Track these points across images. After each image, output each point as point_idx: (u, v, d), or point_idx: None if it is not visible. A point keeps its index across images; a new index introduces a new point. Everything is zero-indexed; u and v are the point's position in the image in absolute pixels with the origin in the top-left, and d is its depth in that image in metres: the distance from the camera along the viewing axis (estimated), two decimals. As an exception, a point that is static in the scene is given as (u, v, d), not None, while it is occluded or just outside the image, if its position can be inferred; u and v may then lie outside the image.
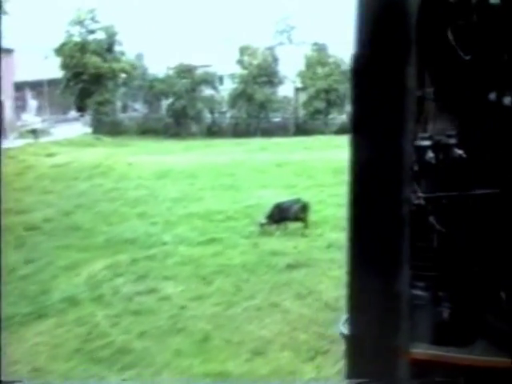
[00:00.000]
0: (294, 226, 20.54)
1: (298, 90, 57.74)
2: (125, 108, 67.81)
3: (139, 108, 65.44)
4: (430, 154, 3.78)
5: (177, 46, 64.48)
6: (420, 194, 3.75)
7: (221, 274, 15.87)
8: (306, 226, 20.08)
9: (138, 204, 24.50)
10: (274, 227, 20.22)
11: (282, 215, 20.35)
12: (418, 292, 3.71)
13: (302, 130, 56.34)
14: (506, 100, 3.13)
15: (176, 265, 16.67)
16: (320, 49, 55.83)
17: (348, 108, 55.06)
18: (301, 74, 55.59)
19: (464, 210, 3.49)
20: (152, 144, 51.62)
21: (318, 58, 54.88)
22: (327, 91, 53.63)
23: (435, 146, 3.72)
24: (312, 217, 21.29)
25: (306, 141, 48.39)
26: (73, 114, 63.96)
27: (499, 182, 3.38)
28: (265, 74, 54.18)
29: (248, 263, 16.42)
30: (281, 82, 55.95)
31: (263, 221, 20.25)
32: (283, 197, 24.65)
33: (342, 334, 3.91)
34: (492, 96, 3.35)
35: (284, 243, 18.77)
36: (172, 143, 52.42)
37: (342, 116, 56.25)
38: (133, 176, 31.80)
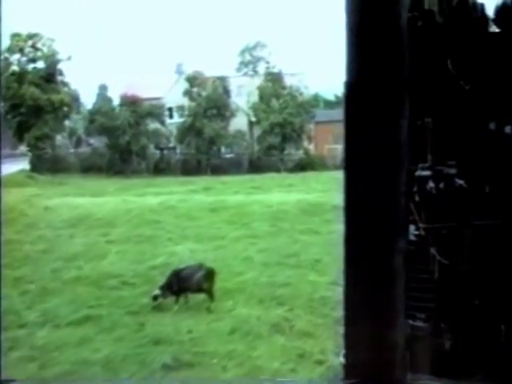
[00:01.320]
0: (199, 297, 16.14)
1: (252, 123, 53.68)
2: (78, 142, 63.53)
3: (94, 143, 61.09)
4: (431, 184, 3.60)
5: (125, 76, 60.37)
6: (421, 225, 3.56)
7: (69, 377, 11.43)
8: (212, 299, 15.70)
9: (22, 264, 20.06)
10: (172, 300, 15.83)
11: (182, 285, 15.97)
12: (419, 323, 3.54)
13: (256, 166, 52.22)
14: (507, 129, 3.03)
15: (20, 361, 12.26)
16: (274, 79, 51.87)
17: (305, 143, 51.09)
18: (254, 107, 51.53)
19: (465, 241, 3.36)
20: (89, 183, 47.23)
21: (273, 90, 50.88)
22: (282, 125, 49.56)
23: (436, 176, 3.52)
24: (228, 283, 16.93)
25: (256, 179, 44.27)
26: (22, 149, 59.58)
27: (500, 212, 3.22)
28: (214, 107, 49.97)
29: (114, 359, 12.04)
30: (233, 115, 51.78)
31: (157, 292, 15.88)
32: (202, 253, 20.36)
33: (341, 364, 3.24)
34: (492, 125, 3.18)
35: (178, 324, 14.35)
36: (112, 182, 48.07)
37: (298, 152, 52.23)
38: (42, 224, 27.33)
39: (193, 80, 51.10)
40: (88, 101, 59.15)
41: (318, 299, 15.52)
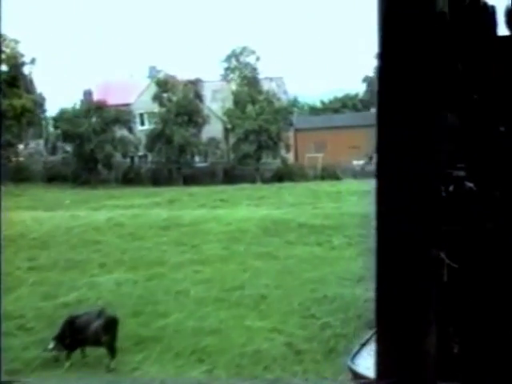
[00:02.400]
0: (100, 350, 12.80)
1: (228, 130, 50.37)
2: (54, 149, 60.16)
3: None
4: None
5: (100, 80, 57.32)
6: None
7: None
8: (112, 355, 12.39)
9: None
10: (66, 353, 12.51)
11: (77, 336, 12.66)
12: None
13: (231, 176, 48.98)
14: None
15: None
16: (250, 84, 48.60)
17: (282, 152, 47.91)
18: (228, 113, 48.21)
19: (475, 245, 3.20)
20: (49, 195, 44.07)
21: (249, 95, 47.59)
22: (257, 132, 46.22)
23: (446, 179, 3.30)
24: (144, 329, 13.62)
25: (227, 191, 41.09)
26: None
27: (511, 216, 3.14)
28: (185, 113, 46.57)
29: None
30: (205, 122, 48.42)
31: (51, 344, 12.57)
32: (130, 285, 17.12)
33: (349, 368, 4.41)
34: (502, 128, 3.10)
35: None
36: (73, 193, 44.90)
37: (276, 161, 48.98)
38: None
39: (163, 84, 47.78)
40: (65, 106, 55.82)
41: (250, 354, 12.28)
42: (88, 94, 55.09)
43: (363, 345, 7.52)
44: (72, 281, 18.23)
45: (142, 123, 52.34)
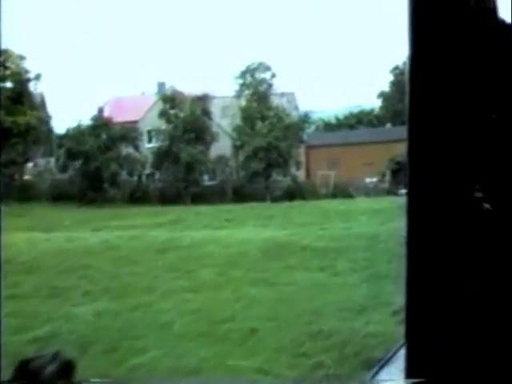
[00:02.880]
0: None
1: (238, 148, 49.06)
2: (65, 168, 59.10)
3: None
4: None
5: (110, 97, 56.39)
6: None
7: None
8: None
9: None
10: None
11: (29, 382, 11.39)
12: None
13: (240, 195, 47.66)
14: None
15: None
16: (260, 99, 47.29)
17: (293, 169, 46.57)
18: (237, 129, 46.91)
19: (493, 264, 2.90)
20: (52, 214, 42.91)
21: (258, 111, 46.27)
22: (267, 149, 44.83)
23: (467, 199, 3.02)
24: (116, 370, 12.18)
25: (234, 210, 39.77)
26: None
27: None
28: (192, 130, 45.30)
29: None
30: (214, 139, 47.14)
31: (3, 391, 11.31)
32: (111, 316, 15.75)
33: None
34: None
35: None
36: (77, 213, 43.74)
37: (286, 178, 47.61)
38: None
39: (169, 100, 46.60)
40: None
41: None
42: (100, 111, 54.23)
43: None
44: (50, 311, 16.84)
45: (150, 140, 51.23)
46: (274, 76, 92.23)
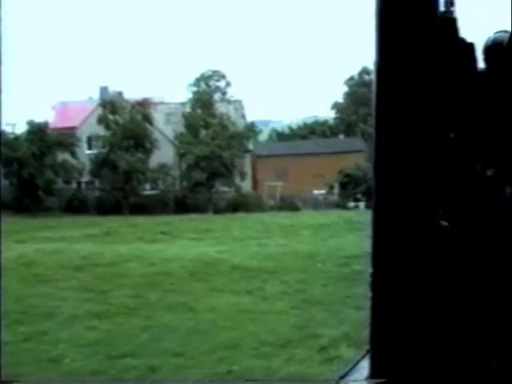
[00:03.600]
0: None
1: (181, 156, 46.87)
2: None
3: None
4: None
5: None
6: None
7: None
8: None
9: None
10: None
11: None
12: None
13: (182, 205, 45.44)
14: (489, 172, 3.00)
15: None
16: (204, 106, 45.18)
17: (237, 179, 44.55)
18: (179, 137, 44.71)
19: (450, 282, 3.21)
20: (-21, 223, 40.08)
21: (201, 118, 44.15)
22: (209, 159, 42.71)
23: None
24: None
25: (172, 222, 37.66)
26: None
27: (484, 253, 3.16)
28: (131, 136, 42.99)
29: None
30: (154, 146, 44.87)
31: None
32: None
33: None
34: (478, 168, 3.11)
35: None
36: (8, 222, 40.97)
37: (231, 189, 45.56)
38: None
39: (109, 106, 44.26)
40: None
41: None
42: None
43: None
44: None
45: (90, 147, 48.81)
46: (228, 84, 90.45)
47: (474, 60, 2.69)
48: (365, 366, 2.82)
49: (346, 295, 17.49)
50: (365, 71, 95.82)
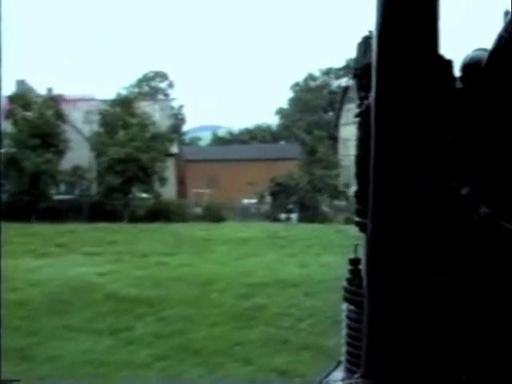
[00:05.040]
0: None
1: (97, 158, 42.57)
2: None
3: None
4: None
5: None
6: None
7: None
8: None
9: None
10: None
11: None
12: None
13: (98, 211, 41.15)
14: (464, 190, 2.63)
15: None
16: (125, 104, 40.93)
17: (157, 185, 40.47)
18: (95, 137, 40.43)
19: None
20: None
21: (120, 117, 39.91)
22: (125, 162, 38.44)
23: None
24: None
25: (76, 231, 33.62)
26: None
27: (455, 269, 2.65)
28: (39, 135, 38.54)
29: None
30: (67, 147, 40.52)
31: None
32: None
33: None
34: (454, 184, 2.71)
35: None
36: None
37: (150, 195, 41.44)
38: None
39: (17, 100, 39.79)
40: None
41: None
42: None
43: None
44: None
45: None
46: (171, 86, 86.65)
47: (452, 77, 2.46)
48: (337, 377, 2.62)
49: (235, 341, 13.70)
50: (310, 77, 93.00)
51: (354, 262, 2.49)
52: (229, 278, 19.38)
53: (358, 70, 2.46)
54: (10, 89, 50.50)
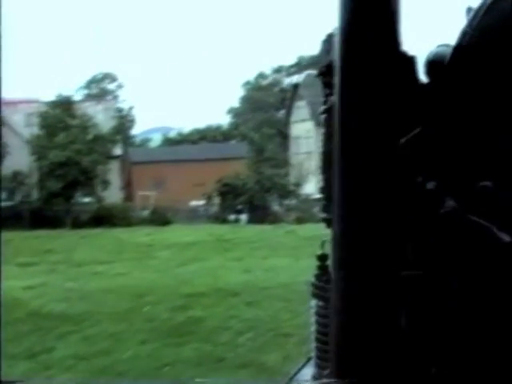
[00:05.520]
0: None
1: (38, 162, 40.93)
2: None
3: None
4: None
5: None
6: None
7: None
8: None
9: None
10: None
11: None
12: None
13: (40, 218, 39.56)
14: (430, 185, 2.48)
15: None
16: (65, 105, 39.37)
17: (99, 190, 39.02)
18: (34, 141, 38.82)
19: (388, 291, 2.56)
20: None
21: (60, 119, 38.35)
22: (66, 165, 36.89)
23: None
24: None
25: (11, 240, 31.63)
26: None
27: (422, 263, 2.52)
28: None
29: None
30: (7, 152, 38.89)
31: None
32: None
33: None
34: (419, 179, 2.56)
35: None
36: None
37: (94, 200, 39.98)
38: None
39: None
40: None
41: None
42: None
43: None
44: None
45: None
46: (120, 87, 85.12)
47: (415, 74, 2.39)
48: (307, 374, 2.48)
49: (164, 361, 12.50)
50: (261, 75, 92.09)
51: (322, 258, 2.41)
52: (166, 288, 18.14)
53: (323, 67, 2.36)
54: None
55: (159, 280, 19.81)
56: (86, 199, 40.00)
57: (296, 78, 78.99)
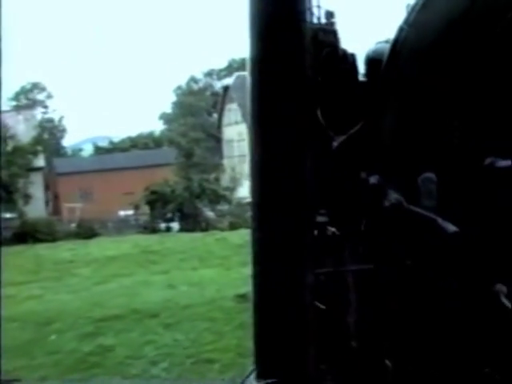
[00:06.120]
0: None
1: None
2: None
3: None
4: None
5: None
6: None
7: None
8: None
9: None
10: None
11: None
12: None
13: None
14: (373, 179, 3.06)
15: None
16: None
17: (21, 204, 37.00)
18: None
19: (340, 286, 3.54)
20: None
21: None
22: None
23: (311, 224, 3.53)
24: None
25: None
26: None
27: (373, 257, 3.28)
28: None
29: None
30: None
31: None
32: None
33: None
34: (362, 175, 3.22)
35: None
36: None
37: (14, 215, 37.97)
38: None
39: None
40: None
41: None
42: None
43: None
44: None
45: None
46: (49, 97, 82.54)
47: (355, 71, 2.64)
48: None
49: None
50: (193, 80, 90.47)
51: None
52: (76, 312, 16.49)
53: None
54: None
55: (72, 302, 18.14)
56: (8, 215, 37.85)
57: (227, 81, 77.55)
